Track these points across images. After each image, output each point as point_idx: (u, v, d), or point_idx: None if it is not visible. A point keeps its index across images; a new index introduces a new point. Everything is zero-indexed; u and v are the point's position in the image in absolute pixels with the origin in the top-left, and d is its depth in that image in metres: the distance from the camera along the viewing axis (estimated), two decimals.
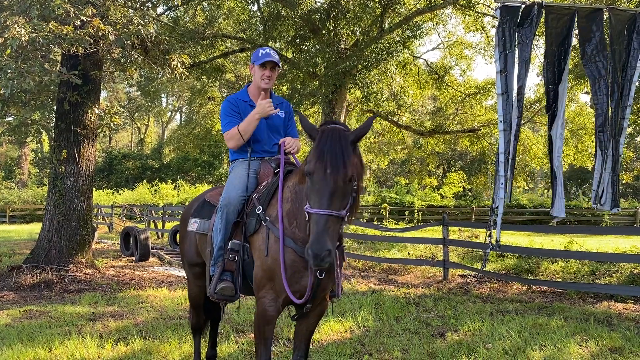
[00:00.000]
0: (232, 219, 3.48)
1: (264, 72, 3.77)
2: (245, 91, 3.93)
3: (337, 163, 2.71)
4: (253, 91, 3.89)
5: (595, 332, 5.56)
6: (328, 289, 3.28)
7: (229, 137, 3.75)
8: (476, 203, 31.94)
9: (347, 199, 2.77)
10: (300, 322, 3.46)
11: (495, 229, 5.44)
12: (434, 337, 5.53)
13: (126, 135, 61.59)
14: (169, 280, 9.72)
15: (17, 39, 7.13)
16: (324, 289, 3.21)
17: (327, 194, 2.68)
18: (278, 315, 3.25)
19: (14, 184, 38.45)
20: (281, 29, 18.04)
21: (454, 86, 22.79)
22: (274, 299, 3.15)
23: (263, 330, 3.20)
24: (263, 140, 3.80)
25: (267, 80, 3.79)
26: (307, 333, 3.47)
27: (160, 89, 35.39)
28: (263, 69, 3.77)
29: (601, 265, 8.92)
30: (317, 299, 3.23)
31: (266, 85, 3.80)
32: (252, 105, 3.81)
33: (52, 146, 10.86)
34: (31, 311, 6.95)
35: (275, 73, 3.83)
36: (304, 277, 3.09)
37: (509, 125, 5.19)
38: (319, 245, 2.59)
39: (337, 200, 2.70)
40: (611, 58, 5.57)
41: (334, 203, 2.69)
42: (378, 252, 12.45)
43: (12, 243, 16.87)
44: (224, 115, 3.81)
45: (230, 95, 4.01)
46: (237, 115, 3.78)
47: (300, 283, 3.10)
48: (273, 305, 3.15)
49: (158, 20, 15.93)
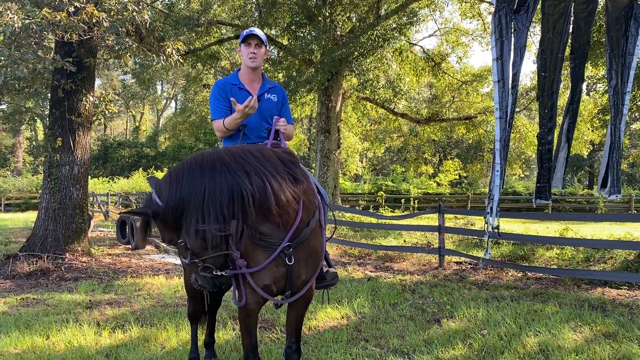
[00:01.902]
0: None
1: (249, 49, 3.71)
2: (235, 75, 3.87)
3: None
4: (243, 74, 3.84)
5: (589, 318, 5.61)
6: (305, 274, 3.24)
7: (216, 128, 3.76)
8: (472, 191, 32.06)
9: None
10: (289, 310, 3.48)
11: (492, 216, 5.46)
12: (429, 324, 5.57)
13: (121, 123, 61.32)
14: (166, 268, 9.73)
15: (10, 25, 7.05)
16: (298, 275, 3.19)
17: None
18: (260, 307, 3.25)
19: (9, 172, 38.24)
20: (277, 15, 17.91)
21: (450, 73, 22.75)
22: (251, 292, 3.13)
23: (246, 322, 3.23)
24: (254, 126, 3.74)
25: (253, 57, 3.71)
26: (297, 319, 3.48)
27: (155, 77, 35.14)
28: (247, 47, 3.71)
29: (596, 252, 8.98)
30: (295, 285, 3.21)
31: (252, 63, 3.72)
32: (241, 87, 3.77)
33: (46, 134, 10.80)
34: (28, 299, 6.95)
35: (261, 50, 3.75)
36: (270, 268, 3.07)
37: (505, 113, 5.19)
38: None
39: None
40: (608, 45, 5.56)
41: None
42: (374, 239, 12.50)
43: (8, 231, 16.83)
44: (212, 100, 3.78)
45: (220, 79, 3.96)
46: (225, 100, 3.72)
47: (269, 274, 3.09)
48: (252, 299, 3.15)
49: (152, 6, 15.79)
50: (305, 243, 3.16)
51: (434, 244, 10.17)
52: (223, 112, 3.71)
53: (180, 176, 2.72)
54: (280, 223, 2.95)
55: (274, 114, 3.80)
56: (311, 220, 3.18)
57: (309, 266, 3.24)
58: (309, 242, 3.19)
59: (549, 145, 5.65)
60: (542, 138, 5.66)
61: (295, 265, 3.11)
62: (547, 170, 5.68)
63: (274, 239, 3.01)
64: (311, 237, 3.21)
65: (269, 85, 3.89)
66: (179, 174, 2.73)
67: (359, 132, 28.27)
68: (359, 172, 36.82)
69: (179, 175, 2.72)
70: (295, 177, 2.99)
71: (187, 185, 2.66)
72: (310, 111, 25.40)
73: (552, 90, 5.54)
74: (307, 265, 3.22)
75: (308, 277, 3.28)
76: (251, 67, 3.76)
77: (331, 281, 3.64)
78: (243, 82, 3.80)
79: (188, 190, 2.64)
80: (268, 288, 3.13)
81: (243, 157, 2.81)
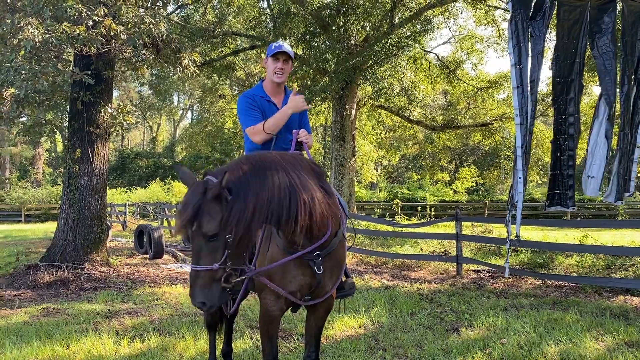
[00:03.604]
0: None
1: (277, 64, 3.74)
2: (260, 86, 3.91)
3: (191, 225, 2.63)
4: (268, 86, 3.88)
5: (611, 327, 5.52)
6: (329, 284, 3.29)
7: (255, 132, 3.70)
8: (489, 198, 31.76)
9: (219, 252, 2.67)
10: (309, 319, 3.49)
11: (513, 223, 5.42)
12: (448, 333, 5.52)
13: (138, 134, 61.99)
14: (184, 277, 9.78)
15: (30, 40, 7.21)
16: (324, 285, 3.24)
17: (195, 251, 2.68)
18: (282, 314, 3.27)
19: (29, 183, 38.88)
20: (291, 25, 18.01)
21: (465, 80, 22.63)
22: (275, 299, 3.17)
23: (267, 329, 3.24)
24: (279, 137, 3.78)
25: (280, 73, 3.75)
26: (317, 329, 3.49)
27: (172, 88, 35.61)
28: (275, 62, 3.74)
29: (617, 259, 8.84)
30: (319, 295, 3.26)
31: (278, 79, 3.76)
32: (268, 100, 3.81)
33: (66, 146, 10.95)
34: (48, 309, 7.04)
35: (288, 66, 3.78)
36: (297, 276, 3.11)
37: (525, 119, 5.15)
38: (191, 298, 2.73)
39: (205, 257, 2.66)
40: (623, 49, 5.51)
41: (203, 259, 2.65)
42: (390, 248, 12.44)
43: (28, 242, 17.08)
44: (245, 109, 3.77)
45: (246, 90, 3.98)
46: (257, 109, 3.75)
47: (295, 281, 3.13)
48: (275, 305, 3.18)
49: (169, 19, 16.00)
50: (333, 253, 3.21)
51: (452, 252, 10.09)
52: (256, 119, 3.73)
53: (258, 172, 2.80)
54: (313, 235, 3.04)
55: (296, 124, 3.87)
56: (338, 231, 3.23)
57: (334, 276, 3.29)
58: (336, 253, 3.25)
59: (571, 152, 5.59)
60: (560, 144, 5.61)
61: (321, 274, 3.15)
62: (568, 177, 5.62)
63: (305, 248, 3.07)
64: (338, 247, 3.26)
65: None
66: (255, 170, 2.81)
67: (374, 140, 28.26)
68: (374, 180, 36.73)
69: (256, 170, 2.81)
70: (327, 190, 3.09)
71: (259, 183, 2.77)
72: (325, 120, 25.45)
73: (570, 97, 5.50)
74: (332, 275, 3.27)
75: (331, 286, 3.32)
76: (276, 82, 3.80)
77: (349, 291, 3.64)
78: (268, 94, 3.85)
79: (259, 188, 2.75)
80: (293, 295, 3.16)
81: (294, 168, 2.93)
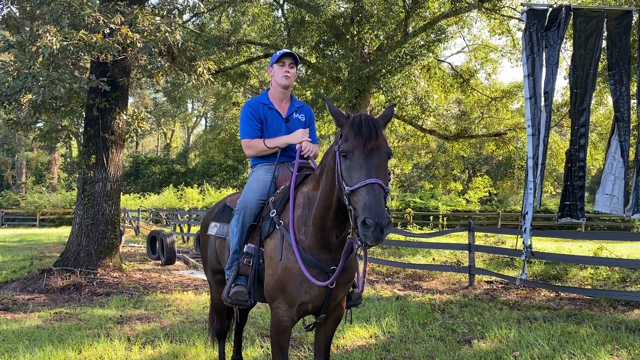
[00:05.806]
0: (248, 222, 3.49)
1: (283, 68, 3.77)
2: (265, 94, 3.93)
3: (377, 138, 2.71)
4: (273, 93, 3.90)
5: (626, 341, 5.43)
6: (340, 297, 3.30)
7: (249, 146, 3.79)
8: (502, 208, 31.49)
9: (387, 176, 2.73)
10: (318, 329, 3.48)
11: (526, 234, 5.37)
12: (460, 344, 5.47)
13: (152, 141, 62.46)
14: (195, 283, 9.81)
15: (48, 47, 7.33)
16: (335, 298, 3.23)
17: (374, 166, 2.65)
18: (293, 325, 3.26)
19: (44, 188, 39.31)
20: (305, 34, 18.12)
21: (479, 90, 22.56)
22: (287, 309, 3.16)
23: (279, 340, 3.23)
24: (284, 147, 3.77)
25: (287, 75, 3.78)
26: (326, 339, 3.48)
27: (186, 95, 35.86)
28: (282, 66, 3.78)
29: (632, 272, 8.72)
30: (329, 307, 3.26)
31: (286, 81, 3.78)
32: (270, 107, 3.83)
33: (81, 152, 11.07)
34: (61, 313, 7.09)
35: (293, 70, 3.82)
36: (313, 286, 3.10)
37: (537, 130, 5.12)
38: (378, 213, 2.44)
39: (382, 174, 2.66)
40: (638, 61, 5.46)
41: (380, 175, 2.64)
42: (402, 257, 12.38)
43: (42, 246, 17.25)
44: (243, 120, 3.82)
45: (251, 99, 4.01)
46: (256, 120, 3.78)
47: (310, 293, 3.12)
48: (287, 315, 3.17)
49: (184, 27, 16.17)
50: (348, 268, 3.22)
51: (464, 263, 10.01)
52: (254, 132, 3.77)
53: None
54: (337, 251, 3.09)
55: None
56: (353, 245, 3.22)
57: (346, 288, 3.31)
58: (351, 267, 3.26)
59: (581, 162, 5.55)
60: (571, 155, 5.56)
61: (334, 288, 3.16)
62: (578, 189, 5.57)
63: (327, 264, 3.09)
64: (352, 261, 3.26)
65: (297, 105, 3.94)
66: None
67: None
68: None
69: None
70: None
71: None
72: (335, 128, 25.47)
73: (582, 107, 5.46)
74: (345, 287, 3.28)
75: (341, 298, 3.33)
76: (284, 85, 3.82)
77: (356, 301, 3.63)
78: (273, 102, 3.86)
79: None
80: (304, 305, 3.15)
81: None
